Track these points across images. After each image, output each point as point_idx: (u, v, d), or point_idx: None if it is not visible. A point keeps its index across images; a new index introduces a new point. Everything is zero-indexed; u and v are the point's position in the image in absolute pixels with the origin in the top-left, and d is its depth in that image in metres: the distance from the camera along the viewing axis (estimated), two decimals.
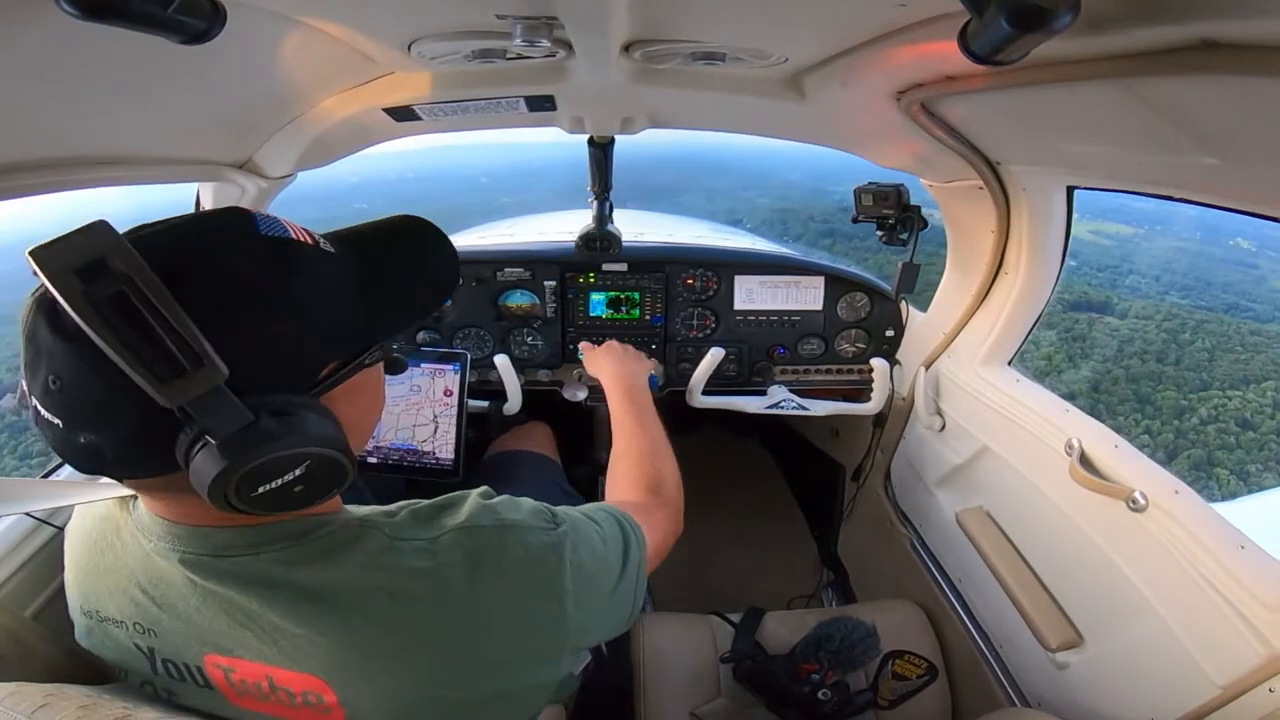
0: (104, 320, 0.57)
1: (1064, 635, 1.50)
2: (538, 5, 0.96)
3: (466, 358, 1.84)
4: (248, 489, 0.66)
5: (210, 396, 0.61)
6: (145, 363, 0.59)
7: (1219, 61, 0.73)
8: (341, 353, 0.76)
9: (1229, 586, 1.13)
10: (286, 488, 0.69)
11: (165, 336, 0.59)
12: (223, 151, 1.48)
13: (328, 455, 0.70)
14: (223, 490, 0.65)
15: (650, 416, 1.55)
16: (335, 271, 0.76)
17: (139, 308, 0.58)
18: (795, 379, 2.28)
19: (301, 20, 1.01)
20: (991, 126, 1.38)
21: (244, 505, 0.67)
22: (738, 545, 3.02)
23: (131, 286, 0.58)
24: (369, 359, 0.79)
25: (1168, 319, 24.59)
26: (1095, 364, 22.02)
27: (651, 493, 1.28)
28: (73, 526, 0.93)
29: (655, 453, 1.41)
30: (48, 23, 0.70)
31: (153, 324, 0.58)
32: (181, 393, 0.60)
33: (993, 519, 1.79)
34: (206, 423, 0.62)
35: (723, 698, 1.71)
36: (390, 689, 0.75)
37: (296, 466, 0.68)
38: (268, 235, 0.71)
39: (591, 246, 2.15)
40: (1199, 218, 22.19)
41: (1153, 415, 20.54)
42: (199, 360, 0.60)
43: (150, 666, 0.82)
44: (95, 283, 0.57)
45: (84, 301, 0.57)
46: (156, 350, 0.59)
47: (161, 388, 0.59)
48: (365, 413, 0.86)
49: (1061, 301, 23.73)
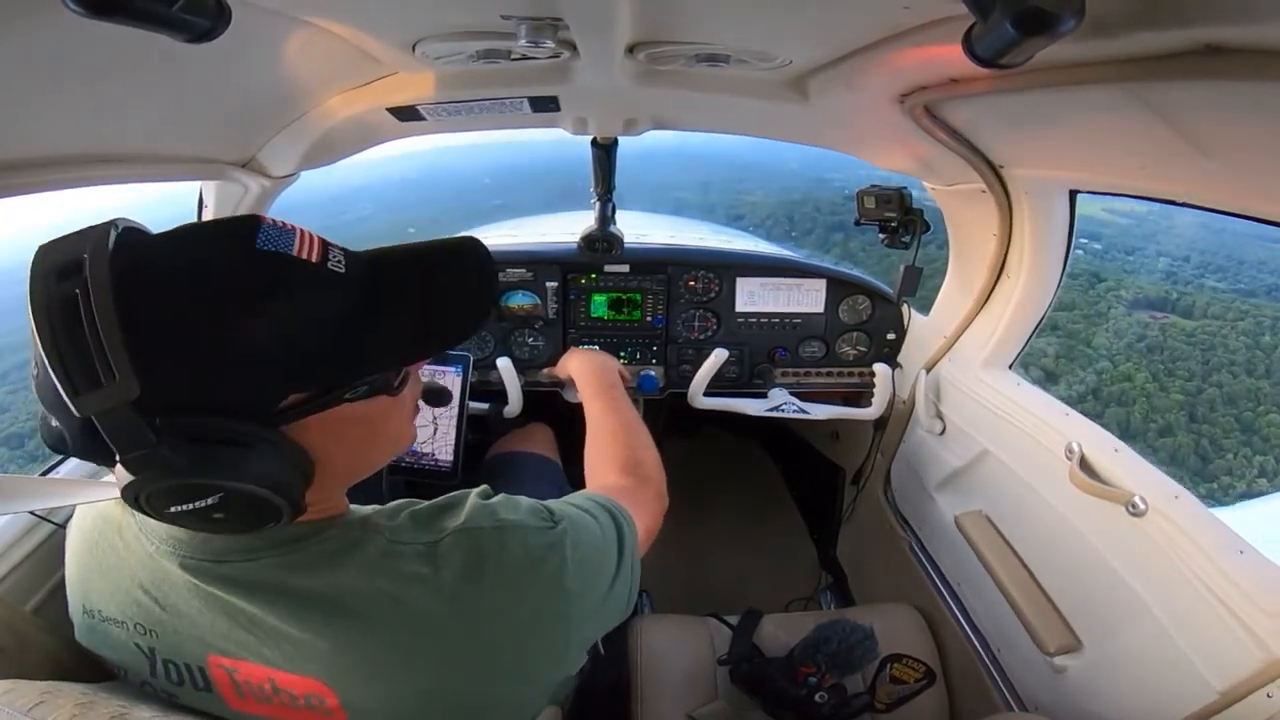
0: (49, 323, 0.59)
1: (1062, 639, 1.50)
2: (542, 6, 0.96)
3: (469, 360, 1.84)
4: (158, 505, 0.66)
5: (116, 413, 0.61)
6: (67, 370, 0.59)
7: (1222, 66, 0.73)
8: (310, 385, 0.71)
9: (1228, 591, 1.13)
10: (203, 513, 0.67)
11: (92, 347, 0.59)
12: (226, 150, 1.48)
13: (245, 491, 0.66)
14: (134, 500, 0.65)
15: (620, 398, 1.57)
16: (328, 298, 0.72)
17: (78, 315, 0.59)
18: (796, 381, 2.28)
19: (306, 20, 1.01)
20: (995, 130, 1.38)
21: (161, 519, 0.68)
22: (736, 547, 3.02)
23: (84, 293, 0.59)
24: (351, 394, 0.74)
25: (1238, 317, 21.48)
26: (1183, 382, 18.95)
27: (630, 474, 1.28)
28: (74, 525, 0.93)
29: (629, 432, 1.41)
30: (52, 20, 0.70)
31: (87, 333, 0.59)
32: (88, 405, 0.60)
33: (992, 523, 1.79)
34: (112, 437, 0.62)
35: (720, 700, 1.71)
36: (392, 692, 0.75)
37: (206, 495, 0.66)
38: (260, 250, 0.68)
39: (594, 247, 2.15)
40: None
41: (1263, 448, 16.96)
42: (113, 376, 0.59)
43: (150, 667, 0.82)
44: (62, 284, 0.59)
45: (40, 302, 0.59)
46: (80, 359, 0.59)
47: (74, 398, 0.60)
48: (358, 447, 0.82)
49: (1121, 301, 21.42)
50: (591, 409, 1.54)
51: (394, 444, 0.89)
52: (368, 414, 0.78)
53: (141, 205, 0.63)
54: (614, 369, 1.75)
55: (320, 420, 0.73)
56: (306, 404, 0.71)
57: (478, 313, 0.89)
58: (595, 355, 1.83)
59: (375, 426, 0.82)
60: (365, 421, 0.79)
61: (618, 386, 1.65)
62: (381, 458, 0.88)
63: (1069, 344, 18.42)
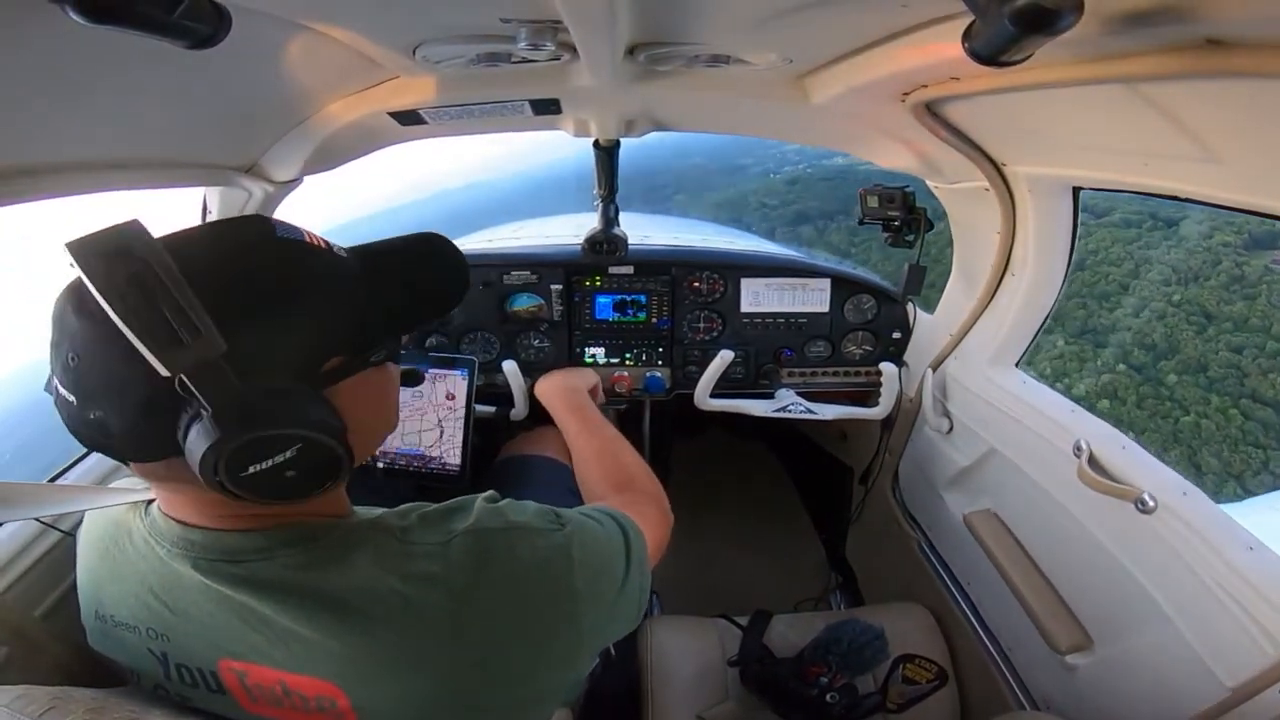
0: (119, 295, 0.61)
1: (1073, 637, 1.49)
2: (542, 9, 0.96)
3: (475, 364, 1.84)
4: (237, 466, 0.68)
5: (206, 368, 0.64)
6: (150, 332, 0.62)
7: (1222, 61, 0.73)
8: (345, 348, 0.78)
9: (1238, 588, 1.13)
10: (277, 470, 0.70)
11: (169, 312, 0.62)
12: (228, 156, 1.48)
13: (321, 441, 0.71)
14: (213, 465, 0.67)
15: (592, 417, 1.59)
16: (343, 273, 0.80)
17: (151, 286, 0.62)
18: (802, 381, 2.27)
19: (306, 25, 1.02)
20: (996, 127, 1.38)
21: (234, 486, 0.69)
22: (745, 548, 3.02)
23: (147, 268, 0.62)
24: (375, 357, 0.82)
25: None
26: None
27: (624, 490, 1.29)
28: (84, 531, 0.94)
29: (613, 450, 1.43)
30: (54, 28, 0.70)
31: (160, 300, 0.62)
32: (179, 361, 0.63)
33: (1001, 521, 1.78)
34: (202, 393, 0.64)
35: (730, 701, 1.71)
36: (403, 694, 0.76)
37: (288, 447, 0.69)
38: (283, 238, 0.77)
39: (598, 249, 2.14)
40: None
41: None
42: (198, 333, 0.63)
43: (163, 671, 0.83)
44: (116, 264, 0.62)
45: (103, 278, 0.61)
46: (160, 322, 0.62)
47: (162, 355, 0.62)
48: (373, 415, 0.87)
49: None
50: (568, 433, 1.56)
51: (388, 421, 0.94)
52: (379, 383, 0.86)
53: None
54: (580, 388, 1.76)
55: (350, 386, 0.79)
56: (342, 368, 0.78)
57: (458, 275, 0.96)
58: (561, 377, 1.85)
59: (384, 397, 0.90)
60: (378, 391, 0.87)
61: (587, 405, 1.67)
62: (382, 432, 0.94)
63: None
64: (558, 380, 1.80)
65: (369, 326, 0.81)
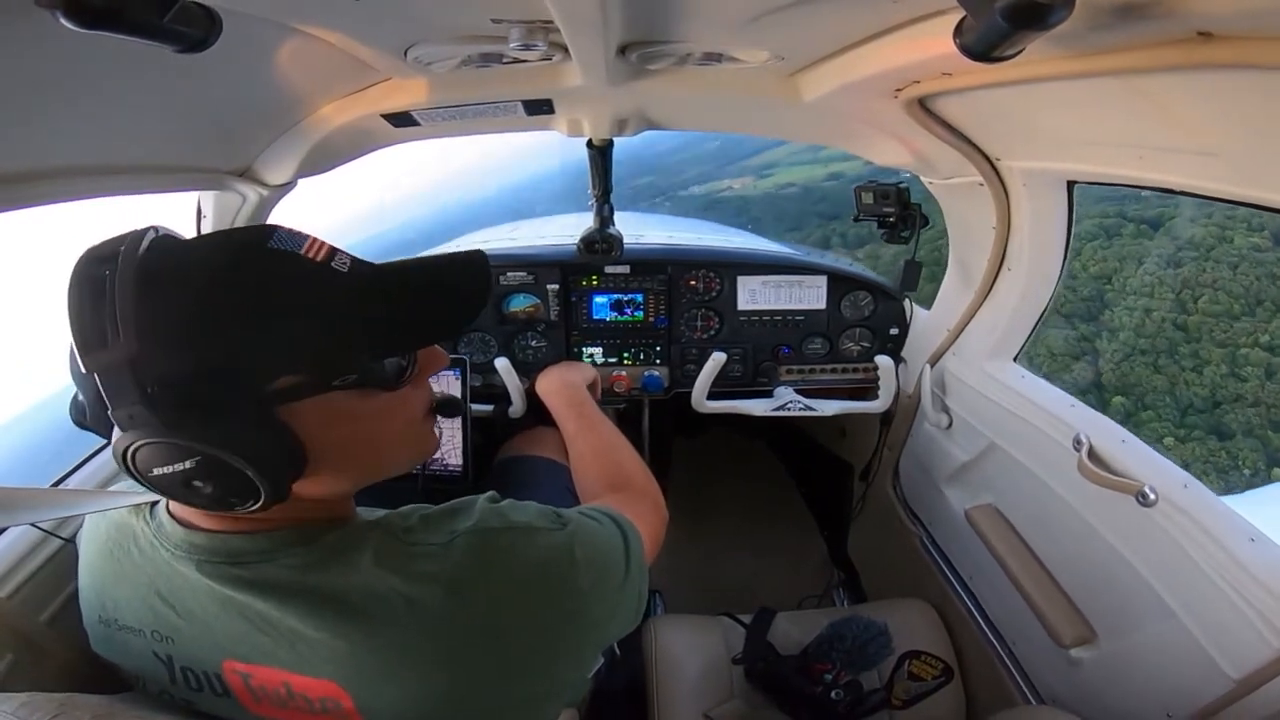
0: (79, 296, 0.68)
1: (1077, 631, 1.49)
2: (533, 9, 0.96)
3: (466, 363, 1.84)
4: (144, 466, 0.70)
5: (114, 370, 0.66)
6: (81, 331, 0.67)
7: (1214, 53, 0.73)
8: (305, 367, 0.74)
9: (1240, 579, 1.13)
10: (183, 479, 0.70)
11: (105, 315, 0.66)
12: (222, 160, 1.48)
13: (222, 461, 0.69)
14: (122, 459, 0.70)
15: (591, 414, 1.58)
16: (321, 290, 0.76)
17: (101, 291, 0.67)
18: (801, 379, 2.27)
19: (297, 28, 1.01)
20: (989, 122, 1.38)
21: (145, 482, 0.72)
22: (747, 546, 3.02)
23: (112, 274, 0.67)
24: (341, 380, 0.76)
25: None
26: None
27: (620, 489, 1.28)
28: (87, 536, 0.94)
29: (609, 448, 1.42)
30: (45, 33, 0.70)
31: (104, 305, 0.66)
32: (94, 361, 0.67)
33: (1002, 515, 1.78)
34: (107, 392, 0.67)
35: (735, 699, 1.71)
36: (408, 695, 0.76)
37: (185, 459, 0.69)
38: (271, 248, 0.74)
39: (593, 249, 2.13)
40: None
41: None
42: (118, 337, 0.66)
43: (169, 674, 0.83)
44: (96, 268, 0.68)
45: (75, 281, 0.68)
46: (95, 325, 0.67)
47: (83, 354, 0.67)
48: (350, 442, 0.81)
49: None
50: (566, 431, 1.55)
51: (405, 447, 0.90)
52: (365, 409, 0.80)
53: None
54: (579, 384, 1.75)
55: (315, 408, 0.75)
56: (298, 388, 0.73)
57: (455, 314, 0.91)
58: (560, 373, 1.82)
59: (375, 424, 0.82)
60: (363, 417, 0.80)
61: (586, 401, 1.65)
62: (392, 460, 0.89)
63: None
64: (557, 376, 1.79)
65: (347, 347, 0.77)
